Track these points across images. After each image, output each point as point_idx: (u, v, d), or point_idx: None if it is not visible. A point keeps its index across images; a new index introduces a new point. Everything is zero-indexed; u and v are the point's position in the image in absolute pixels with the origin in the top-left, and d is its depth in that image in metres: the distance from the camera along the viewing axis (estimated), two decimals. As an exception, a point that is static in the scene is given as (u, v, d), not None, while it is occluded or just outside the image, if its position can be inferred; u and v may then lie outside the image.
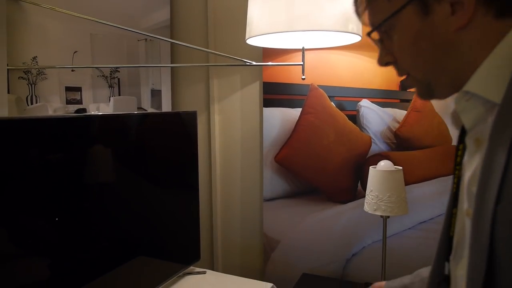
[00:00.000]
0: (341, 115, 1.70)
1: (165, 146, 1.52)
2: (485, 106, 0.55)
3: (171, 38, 2.00)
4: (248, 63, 1.45)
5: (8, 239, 0.95)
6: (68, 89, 1.57)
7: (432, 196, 1.58)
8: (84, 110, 1.58)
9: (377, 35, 0.64)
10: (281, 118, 1.78)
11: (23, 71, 1.39)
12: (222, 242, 2.02)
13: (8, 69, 1.30)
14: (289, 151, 1.78)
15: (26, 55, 1.40)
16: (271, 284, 1.50)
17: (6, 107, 1.25)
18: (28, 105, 1.41)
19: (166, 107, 2.04)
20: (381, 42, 0.64)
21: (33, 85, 1.43)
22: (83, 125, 1.15)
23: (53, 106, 1.51)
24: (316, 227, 1.77)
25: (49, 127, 1.04)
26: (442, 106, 1.56)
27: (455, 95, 0.60)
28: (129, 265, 1.31)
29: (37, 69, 1.42)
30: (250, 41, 1.45)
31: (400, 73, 0.65)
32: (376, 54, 0.66)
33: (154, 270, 1.45)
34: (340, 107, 1.70)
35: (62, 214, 1.07)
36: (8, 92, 1.32)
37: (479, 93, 0.55)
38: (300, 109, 1.73)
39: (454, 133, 1.56)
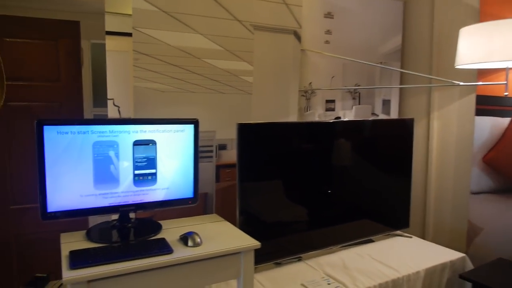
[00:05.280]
0: (552, 125, 1.87)
1: (388, 142, 2.16)
2: None
3: (401, 60, 2.59)
4: (455, 84, 1.89)
5: (295, 194, 1.85)
6: (327, 101, 2.43)
7: None
8: (339, 117, 2.40)
9: None
10: (490, 125, 2.10)
11: (303, 91, 2.32)
12: (434, 222, 2.48)
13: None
14: (496, 153, 2.08)
15: (305, 81, 2.33)
16: (462, 255, 1.92)
17: (296, 113, 2.20)
18: (304, 112, 2.34)
19: (394, 112, 2.65)
20: None
21: (308, 100, 2.35)
22: (339, 127, 1.96)
23: (317, 112, 2.40)
24: (519, 222, 2.01)
25: (322, 128, 1.89)
26: None
27: None
28: (357, 223, 2.05)
29: (311, 90, 2.33)
30: (458, 67, 1.90)
31: None
32: None
33: (373, 228, 2.13)
34: (551, 118, 1.88)
35: (320, 183, 1.91)
36: (296, 105, 2.26)
37: None
38: (510, 118, 2.01)
39: None
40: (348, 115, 2.48)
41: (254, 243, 1.41)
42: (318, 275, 1.72)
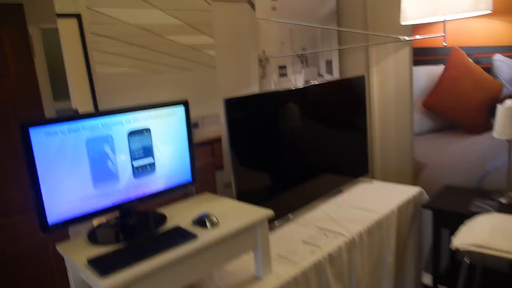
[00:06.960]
0: (478, 68, 2.20)
1: (347, 99, 2.32)
2: None
3: (338, 21, 2.73)
4: (401, 39, 2.08)
5: (260, 155, 1.91)
6: (280, 67, 2.48)
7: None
8: (308, 81, 2.48)
9: None
10: (427, 74, 2.38)
11: (259, 60, 2.33)
12: (380, 166, 2.78)
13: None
14: (434, 98, 2.38)
15: (259, 50, 2.34)
16: (420, 188, 2.21)
17: (257, 82, 2.21)
18: (262, 80, 2.37)
19: (336, 71, 2.82)
20: None
21: (264, 68, 2.37)
22: (310, 91, 2.04)
23: (273, 79, 2.44)
24: (457, 152, 2.36)
25: (294, 93, 1.95)
26: None
27: None
28: (327, 177, 2.20)
29: (265, 58, 2.36)
30: (403, 23, 2.09)
31: None
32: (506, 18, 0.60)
33: (340, 179, 2.31)
34: (477, 62, 2.20)
35: (281, 145, 1.99)
36: (255, 74, 2.28)
37: None
38: (443, 66, 2.30)
39: None
40: (298, 78, 2.58)
41: (267, 212, 1.45)
42: (313, 230, 1.84)
